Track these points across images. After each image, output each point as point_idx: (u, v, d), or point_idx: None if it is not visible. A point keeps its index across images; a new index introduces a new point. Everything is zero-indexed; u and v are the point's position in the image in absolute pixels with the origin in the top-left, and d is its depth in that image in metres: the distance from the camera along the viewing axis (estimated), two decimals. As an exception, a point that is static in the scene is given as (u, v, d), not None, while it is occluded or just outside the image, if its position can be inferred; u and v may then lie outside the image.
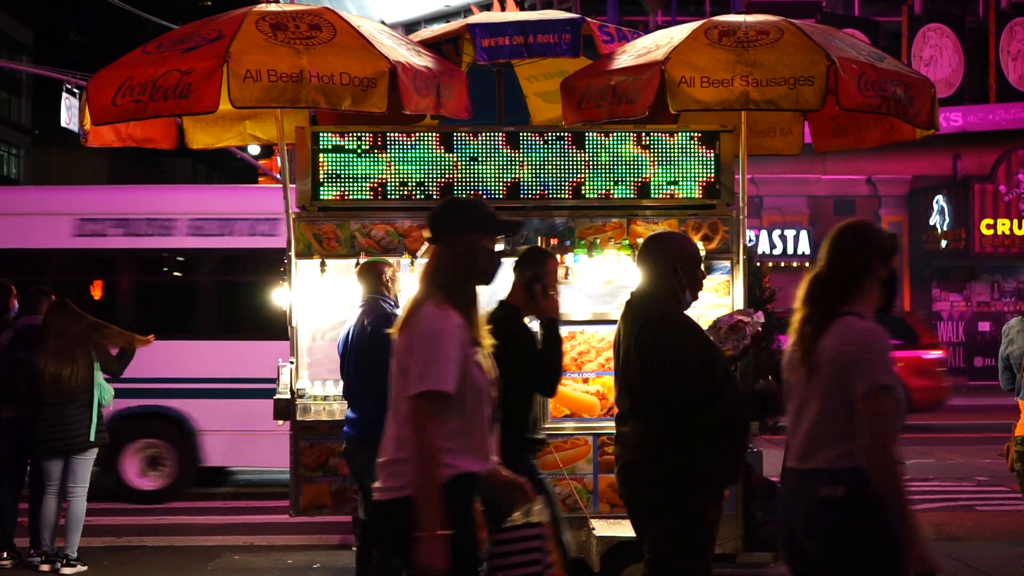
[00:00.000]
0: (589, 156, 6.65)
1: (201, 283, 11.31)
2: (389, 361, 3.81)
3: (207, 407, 10.68)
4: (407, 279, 6.45)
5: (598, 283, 6.66)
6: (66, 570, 7.71)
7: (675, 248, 4.76)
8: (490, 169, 6.66)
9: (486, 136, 6.70)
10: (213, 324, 11.08)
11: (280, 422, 6.76)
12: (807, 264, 25.85)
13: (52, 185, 27.89)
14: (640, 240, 6.49)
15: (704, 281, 4.88)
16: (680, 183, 6.68)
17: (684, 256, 4.73)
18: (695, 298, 4.79)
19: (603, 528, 6.31)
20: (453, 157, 6.64)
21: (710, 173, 6.67)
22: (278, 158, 9.30)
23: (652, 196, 6.68)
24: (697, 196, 6.70)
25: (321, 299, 6.84)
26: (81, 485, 7.82)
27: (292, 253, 6.60)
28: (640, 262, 4.81)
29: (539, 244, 6.53)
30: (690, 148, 6.66)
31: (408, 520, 3.51)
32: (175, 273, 11.65)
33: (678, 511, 4.54)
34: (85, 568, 7.80)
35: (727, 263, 6.66)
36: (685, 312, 4.72)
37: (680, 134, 6.69)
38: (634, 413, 4.65)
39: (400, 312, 6.12)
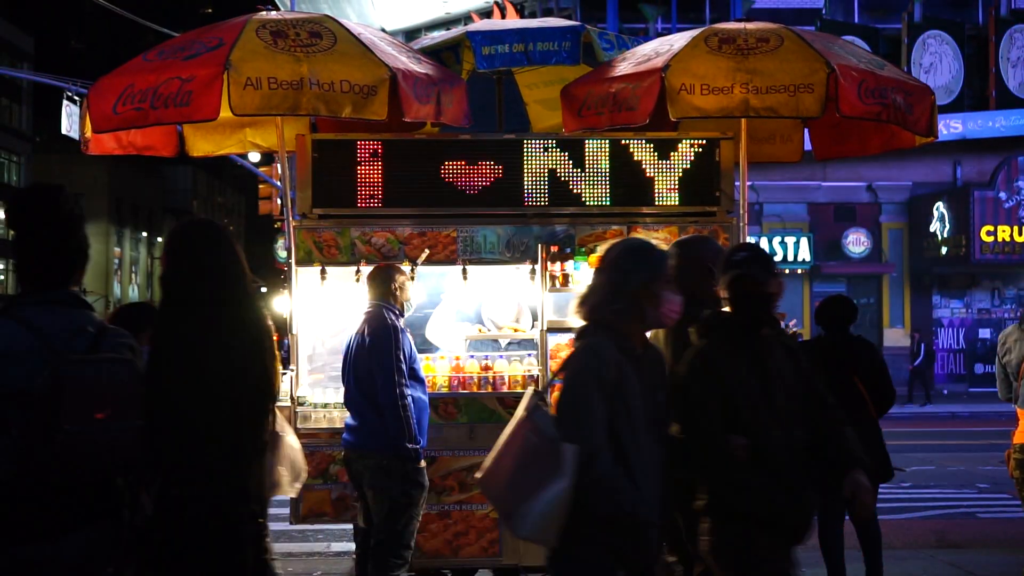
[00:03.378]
0: (589, 163, 6.64)
1: None
2: (385, 371, 3.73)
3: None
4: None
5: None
6: None
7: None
8: (490, 176, 6.64)
9: (486, 143, 6.70)
10: None
11: None
12: (807, 271, 25.87)
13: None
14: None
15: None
16: (680, 190, 6.67)
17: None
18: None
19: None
20: (454, 164, 6.63)
21: (710, 180, 6.66)
22: (278, 166, 9.30)
23: (652, 203, 6.68)
24: (697, 203, 6.69)
25: (321, 306, 6.84)
26: None
27: (293, 261, 6.60)
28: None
29: (539, 252, 6.53)
30: (690, 155, 6.66)
31: None
32: None
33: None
34: None
35: (727, 270, 6.64)
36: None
37: (680, 141, 6.68)
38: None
39: (402, 322, 6.15)
